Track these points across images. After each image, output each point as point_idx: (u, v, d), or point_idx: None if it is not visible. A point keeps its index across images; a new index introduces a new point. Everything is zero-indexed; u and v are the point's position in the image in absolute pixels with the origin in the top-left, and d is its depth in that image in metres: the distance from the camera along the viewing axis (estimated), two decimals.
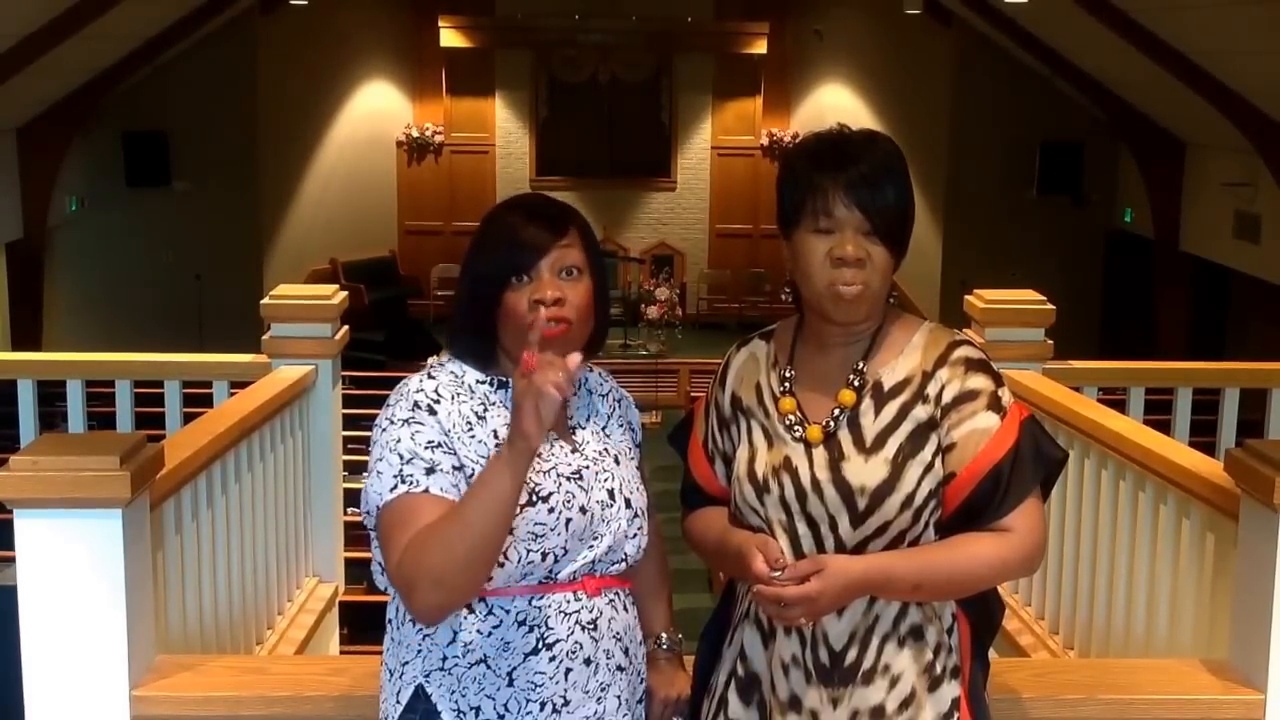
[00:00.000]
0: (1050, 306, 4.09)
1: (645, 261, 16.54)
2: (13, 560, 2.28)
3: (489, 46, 17.03)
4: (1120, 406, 3.96)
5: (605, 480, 1.93)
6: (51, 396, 4.91)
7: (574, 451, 1.93)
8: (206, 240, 13.99)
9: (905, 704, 1.87)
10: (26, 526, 2.26)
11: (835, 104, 16.74)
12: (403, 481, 1.79)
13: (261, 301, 4.00)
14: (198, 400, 4.20)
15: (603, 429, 2.01)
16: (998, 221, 14.22)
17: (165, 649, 2.65)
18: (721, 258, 17.54)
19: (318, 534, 4.08)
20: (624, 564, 1.96)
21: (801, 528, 1.88)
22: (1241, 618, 2.47)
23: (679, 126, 17.51)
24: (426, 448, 1.81)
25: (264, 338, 3.97)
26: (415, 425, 1.82)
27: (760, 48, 16.89)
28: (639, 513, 1.97)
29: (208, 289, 13.79)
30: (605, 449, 1.97)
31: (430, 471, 1.80)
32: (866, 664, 1.88)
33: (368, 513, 1.85)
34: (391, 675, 1.91)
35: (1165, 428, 3.85)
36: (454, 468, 1.81)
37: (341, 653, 4.46)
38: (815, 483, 1.87)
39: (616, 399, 2.07)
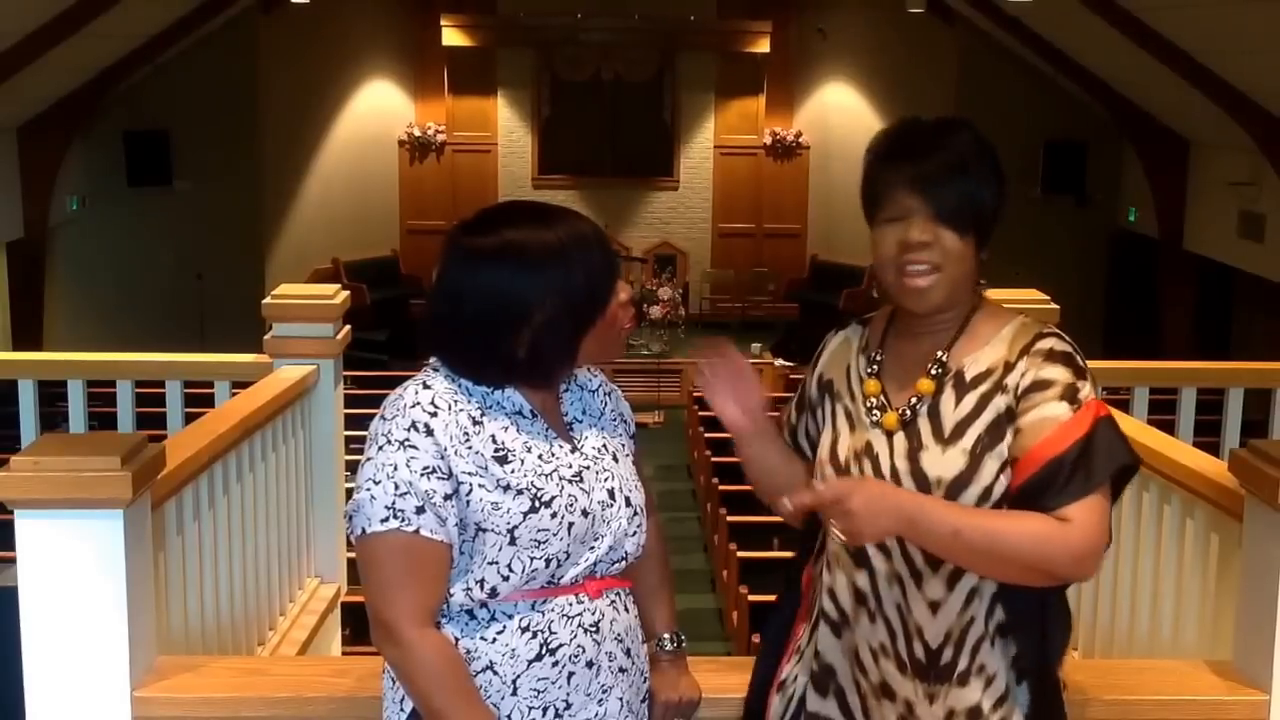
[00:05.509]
0: (1054, 306, 4.07)
1: (648, 261, 16.52)
2: (13, 561, 2.27)
3: (491, 45, 17.02)
4: (1124, 406, 3.95)
5: (605, 480, 1.92)
6: (53, 396, 4.91)
7: (574, 451, 1.93)
8: (208, 240, 13.96)
9: (1000, 701, 1.88)
10: (27, 527, 2.25)
11: (839, 103, 16.73)
12: (394, 516, 1.80)
13: (263, 301, 3.99)
14: (199, 400, 4.20)
15: (598, 421, 2.00)
16: (1000, 220, 14.16)
17: (166, 650, 2.64)
18: (724, 257, 17.52)
19: (320, 534, 4.07)
20: (624, 562, 1.96)
21: None
22: (1246, 618, 2.47)
23: (682, 125, 17.48)
24: (422, 475, 1.79)
25: (266, 337, 3.96)
26: (410, 450, 1.80)
27: (763, 46, 16.86)
28: (638, 510, 1.97)
29: (209, 289, 13.77)
30: (604, 445, 1.97)
31: (421, 510, 1.79)
32: (962, 665, 1.88)
33: (349, 517, 1.85)
34: (394, 681, 1.90)
35: (1169, 428, 3.84)
36: (445, 496, 1.80)
37: (344, 654, 4.45)
38: (894, 471, 1.88)
39: (607, 392, 2.07)
